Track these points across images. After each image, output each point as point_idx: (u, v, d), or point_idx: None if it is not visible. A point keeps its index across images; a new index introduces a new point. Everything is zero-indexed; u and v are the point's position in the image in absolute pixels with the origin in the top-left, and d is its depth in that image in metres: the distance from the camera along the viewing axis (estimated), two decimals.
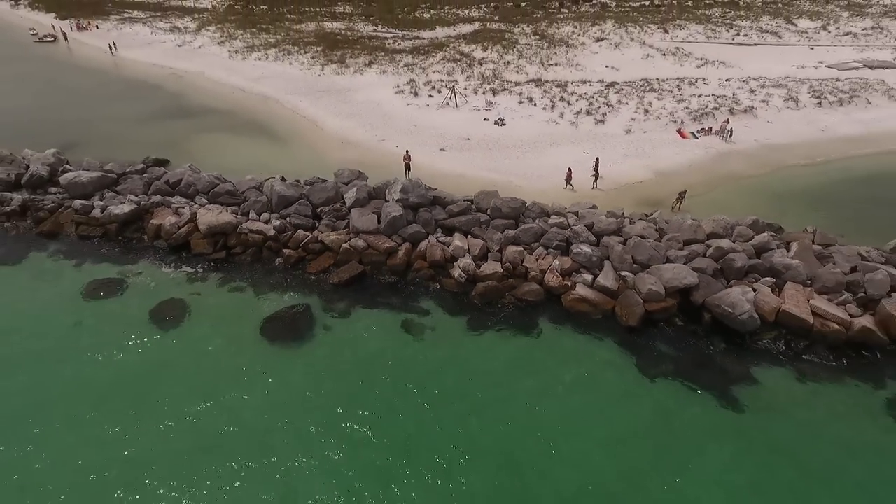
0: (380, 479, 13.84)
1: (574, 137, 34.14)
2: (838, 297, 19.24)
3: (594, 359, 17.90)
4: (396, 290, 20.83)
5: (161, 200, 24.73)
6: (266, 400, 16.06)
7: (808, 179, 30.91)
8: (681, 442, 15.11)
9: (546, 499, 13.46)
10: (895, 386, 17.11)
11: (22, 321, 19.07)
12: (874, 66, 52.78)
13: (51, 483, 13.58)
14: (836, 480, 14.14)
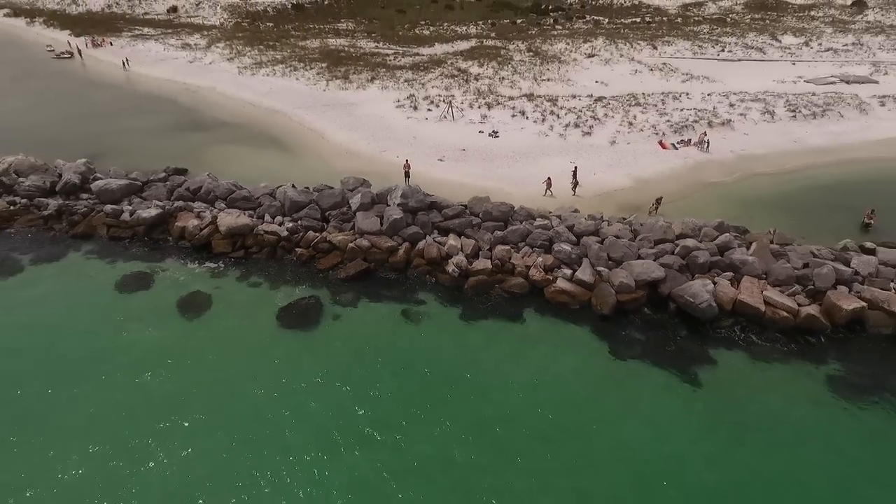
0: (382, 434, 16.19)
1: (562, 148, 36.76)
2: (789, 288, 21.69)
3: (571, 342, 20.32)
4: (397, 284, 23.31)
5: (184, 205, 27.30)
6: (280, 375, 18.43)
7: (777, 186, 33.48)
8: (638, 405, 17.48)
9: (513, 440, 15.81)
10: (836, 365, 19.49)
11: (66, 309, 21.51)
12: (850, 80, 55.58)
13: (98, 426, 15.93)
14: (776, 436, 16.50)
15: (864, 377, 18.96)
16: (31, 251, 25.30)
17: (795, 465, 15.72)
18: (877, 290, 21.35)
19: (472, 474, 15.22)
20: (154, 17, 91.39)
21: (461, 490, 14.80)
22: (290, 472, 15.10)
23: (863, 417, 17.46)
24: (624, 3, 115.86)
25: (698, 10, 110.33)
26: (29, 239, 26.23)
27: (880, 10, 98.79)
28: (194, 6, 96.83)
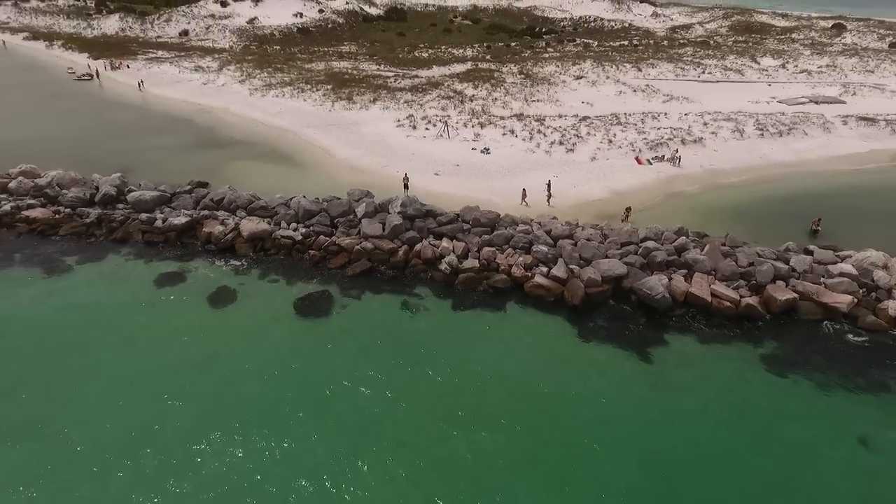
0: (383, 395, 19.61)
1: (547, 164, 40.54)
2: (734, 283, 25.26)
3: (545, 328, 23.81)
4: (397, 280, 26.87)
5: (209, 214, 30.96)
6: (298, 353, 21.88)
7: (740, 197, 37.21)
8: (602, 384, 20.92)
9: (490, 398, 19.21)
10: (770, 345, 22.94)
11: (110, 302, 25.01)
12: (819, 101, 59.68)
13: (148, 394, 19.35)
14: (713, 399, 19.93)
15: (793, 355, 22.43)
16: (77, 254, 28.87)
17: (726, 426, 19.08)
18: (809, 284, 24.90)
19: (453, 421, 18.63)
20: (167, 40, 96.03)
21: (442, 432, 18.19)
22: (303, 420, 18.50)
23: (789, 388, 20.88)
24: (615, 26, 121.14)
25: (685, 32, 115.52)
26: (73, 243, 29.81)
27: (858, 32, 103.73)
28: (204, 30, 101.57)
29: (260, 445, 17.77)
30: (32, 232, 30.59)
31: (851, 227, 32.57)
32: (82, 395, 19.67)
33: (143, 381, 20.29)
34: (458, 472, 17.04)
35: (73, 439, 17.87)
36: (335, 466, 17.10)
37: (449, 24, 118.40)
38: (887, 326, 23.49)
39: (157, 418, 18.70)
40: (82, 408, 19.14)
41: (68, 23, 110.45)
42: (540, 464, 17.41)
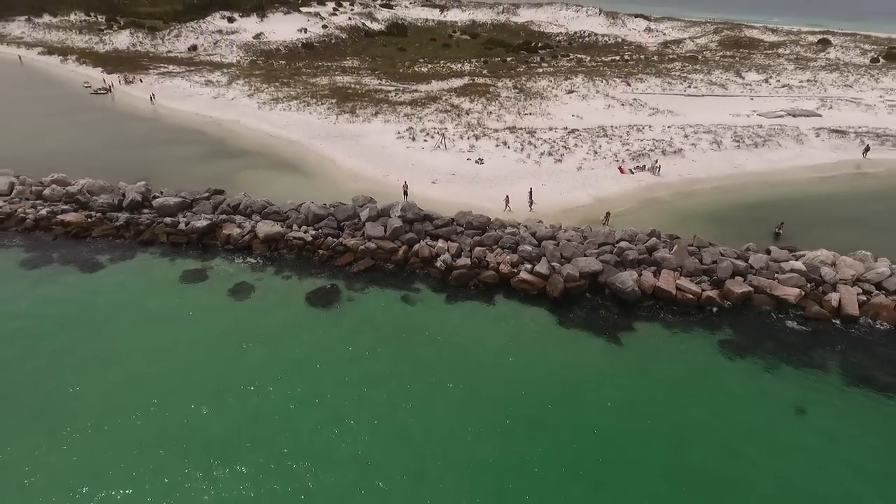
0: (384, 373, 22.66)
1: (536, 173, 43.79)
2: (697, 278, 28.38)
3: (528, 317, 26.91)
4: (397, 276, 30.00)
5: (227, 218, 34.16)
6: (310, 337, 24.96)
7: (713, 203, 40.40)
8: (576, 364, 23.98)
9: (479, 375, 22.25)
10: (727, 332, 25.95)
11: (142, 292, 28.13)
12: (797, 114, 63.13)
13: (178, 371, 22.39)
14: (674, 375, 22.98)
15: (746, 340, 25.49)
16: (108, 253, 32.03)
17: (685, 396, 22.12)
18: (763, 279, 28.04)
19: (440, 388, 21.69)
20: (176, 55, 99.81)
21: (430, 395, 21.24)
22: (317, 394, 21.55)
23: (740, 367, 23.92)
24: (608, 41, 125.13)
25: (676, 47, 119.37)
26: (105, 244, 32.97)
27: (842, 48, 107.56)
28: (212, 45, 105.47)
29: (270, 399, 20.85)
30: (67, 234, 33.79)
31: (811, 229, 35.73)
32: (128, 361, 22.84)
33: (176, 350, 23.54)
34: (444, 422, 20.09)
35: (119, 390, 20.96)
36: (338, 416, 20.19)
37: (448, 38, 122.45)
38: (829, 315, 26.61)
39: (185, 378, 21.98)
40: (127, 369, 22.31)
41: (80, 38, 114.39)
42: (515, 422, 20.44)
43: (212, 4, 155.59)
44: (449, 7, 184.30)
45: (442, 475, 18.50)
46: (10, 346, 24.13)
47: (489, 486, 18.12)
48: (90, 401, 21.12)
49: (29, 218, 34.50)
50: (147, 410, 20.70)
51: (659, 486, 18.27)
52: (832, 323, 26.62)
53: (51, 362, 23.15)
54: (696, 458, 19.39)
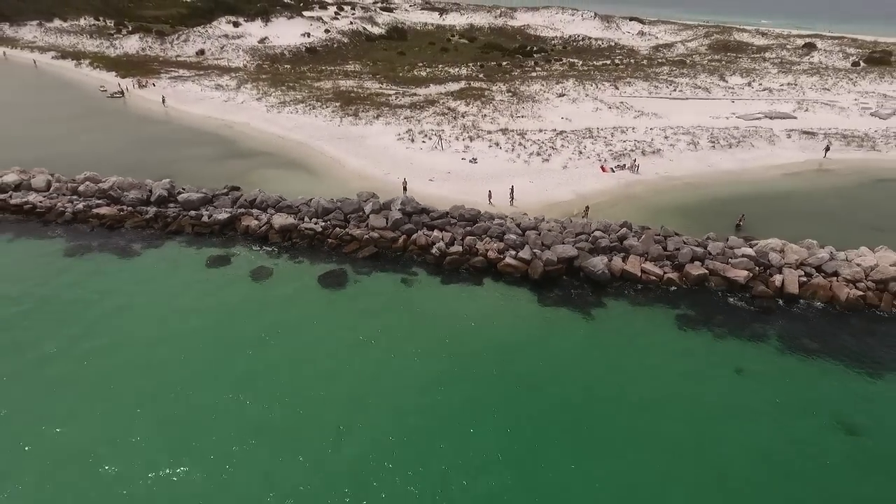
0: (386, 344, 26.64)
1: (525, 172, 47.77)
2: (660, 263, 32.38)
3: (512, 296, 30.90)
4: (397, 261, 34.00)
5: (245, 211, 38.16)
6: (322, 314, 28.95)
7: (685, 199, 44.37)
8: (551, 332, 27.97)
9: (467, 341, 26.21)
10: (684, 308, 29.90)
11: (170, 281, 32.04)
12: (773, 116, 67.12)
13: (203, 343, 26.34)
14: (636, 344, 26.98)
15: (699, 315, 29.46)
16: (141, 242, 36.03)
17: (644, 359, 26.10)
18: (718, 263, 32.03)
19: (435, 353, 25.67)
20: (185, 59, 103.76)
21: (425, 359, 25.22)
22: (325, 350, 25.55)
23: (694, 335, 27.90)
24: (601, 45, 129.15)
25: (668, 50, 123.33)
26: (136, 234, 36.96)
27: (826, 52, 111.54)
28: (219, 49, 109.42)
29: (287, 359, 24.87)
30: (102, 226, 37.79)
31: (770, 221, 39.66)
32: (164, 324, 26.84)
33: (207, 315, 27.63)
34: (436, 379, 24.10)
35: (160, 345, 25.00)
36: (340, 366, 24.25)
37: (446, 42, 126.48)
38: (773, 294, 30.63)
39: (214, 341, 25.98)
40: (164, 333, 26.26)
41: (91, 42, 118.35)
42: (496, 379, 24.44)
43: (216, 9, 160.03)
44: (448, 10, 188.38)
45: (430, 409, 22.50)
46: (68, 311, 28.20)
47: (466, 413, 22.11)
48: (139, 348, 25.16)
49: (68, 211, 38.51)
50: (185, 357, 24.83)
51: (607, 412, 22.28)
52: (776, 301, 30.64)
53: (104, 322, 27.27)
54: (650, 403, 23.38)
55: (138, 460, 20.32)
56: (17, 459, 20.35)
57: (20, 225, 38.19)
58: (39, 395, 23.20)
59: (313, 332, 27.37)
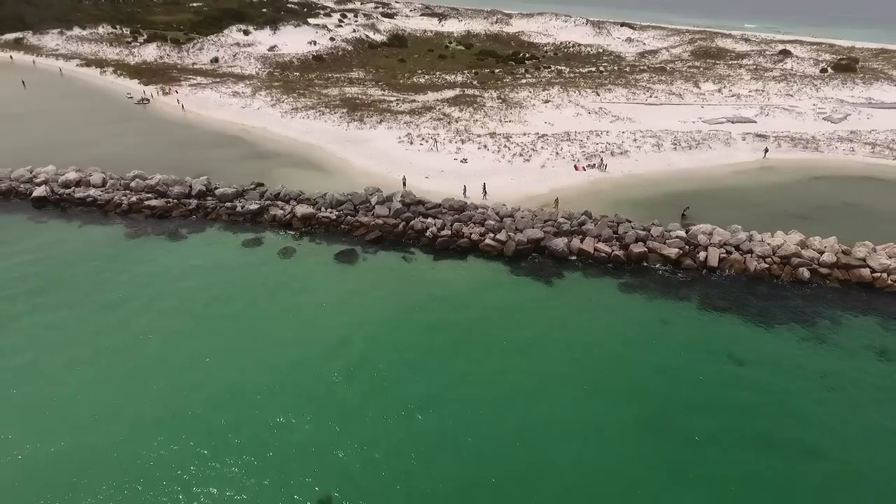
0: (390, 305, 34.35)
1: (508, 170, 55.46)
2: (610, 243, 40.09)
3: (490, 269, 38.63)
4: (398, 243, 41.73)
5: (271, 203, 45.91)
6: (338, 283, 36.68)
7: (644, 193, 51.94)
8: (519, 293, 35.69)
9: (454, 304, 33.89)
10: (626, 278, 37.61)
11: (214, 256, 39.80)
12: (735, 121, 74.74)
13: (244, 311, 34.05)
14: (584, 306, 34.70)
15: (637, 283, 37.15)
16: (187, 228, 43.78)
17: (591, 316, 33.78)
18: (656, 243, 39.72)
19: (428, 308, 33.38)
20: (201, 66, 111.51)
21: (420, 313, 32.94)
22: (338, 308, 33.28)
23: (632, 297, 35.59)
24: (591, 52, 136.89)
25: (652, 57, 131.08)
26: (182, 222, 44.72)
27: (799, 59, 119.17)
28: (231, 57, 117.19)
29: (312, 309, 32.63)
30: (153, 215, 45.56)
31: (712, 211, 47.12)
32: (211, 290, 34.60)
33: (245, 285, 35.39)
34: (428, 325, 31.85)
35: (210, 306, 32.73)
36: (358, 320, 31.95)
37: (444, 49, 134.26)
38: (698, 267, 38.35)
39: (253, 296, 33.70)
40: (214, 292, 34.04)
41: (111, 50, 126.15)
42: (475, 325, 32.17)
43: (225, 16, 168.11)
44: (447, 16, 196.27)
45: (424, 344, 30.24)
46: (141, 278, 35.98)
47: (451, 347, 29.83)
48: (198, 304, 33.00)
49: (124, 203, 46.31)
50: (233, 308, 32.62)
51: (558, 346, 30.02)
52: (699, 272, 38.37)
53: (170, 286, 35.03)
54: (592, 341, 31.10)
55: (215, 368, 28.09)
56: (143, 364, 28.12)
57: (85, 215, 46.02)
58: (143, 335, 31.00)
59: (330, 294, 35.17)
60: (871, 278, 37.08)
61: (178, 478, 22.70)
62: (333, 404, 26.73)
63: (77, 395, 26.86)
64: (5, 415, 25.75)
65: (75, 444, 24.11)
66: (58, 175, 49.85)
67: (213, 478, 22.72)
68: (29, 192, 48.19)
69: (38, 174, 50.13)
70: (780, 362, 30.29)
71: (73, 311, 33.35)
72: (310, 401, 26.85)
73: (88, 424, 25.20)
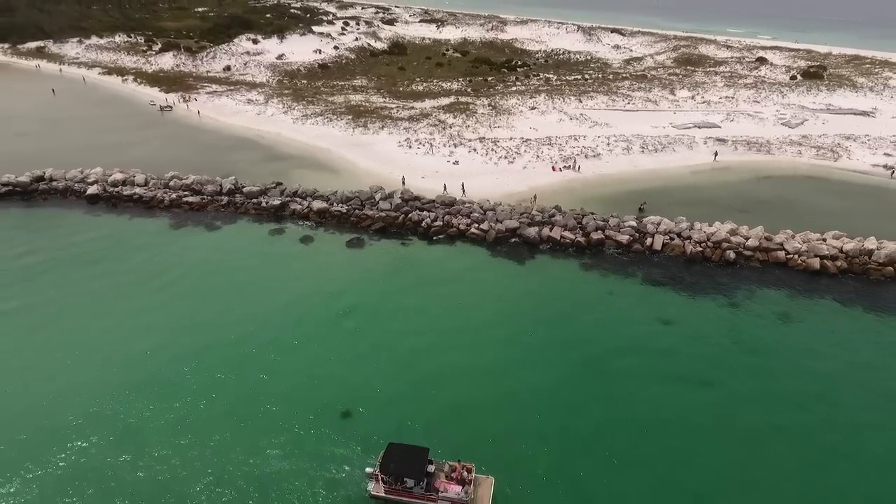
0: (392, 283, 42.62)
1: (494, 171, 63.72)
2: (574, 231, 48.36)
3: (475, 252, 46.94)
4: (399, 233, 50.00)
5: (290, 199, 54.20)
6: (350, 265, 44.95)
7: (610, 191, 60.18)
8: (496, 270, 43.99)
9: (442, 280, 42.13)
10: (586, 260, 45.91)
11: (245, 242, 48.09)
12: (702, 126, 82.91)
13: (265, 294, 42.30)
14: (548, 279, 43.00)
15: (595, 263, 45.42)
16: (220, 220, 52.07)
17: (557, 289, 42.00)
18: (612, 231, 48.00)
19: (425, 285, 41.65)
20: (214, 74, 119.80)
21: (419, 288, 41.20)
22: (348, 285, 41.55)
23: (589, 274, 43.86)
24: (580, 58, 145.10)
25: (637, 63, 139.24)
26: (216, 215, 53.01)
27: (772, 66, 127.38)
28: (242, 65, 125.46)
29: (326, 285, 40.93)
30: (191, 210, 53.88)
31: (666, 206, 55.31)
32: (242, 273, 42.89)
33: (272, 267, 43.62)
34: (423, 294, 40.12)
35: (243, 286, 41.00)
36: (367, 292, 40.20)
37: (441, 56, 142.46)
38: (644, 251, 46.63)
39: (278, 281, 41.97)
40: (242, 277, 42.34)
41: (129, 59, 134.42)
42: (461, 293, 40.44)
43: (233, 24, 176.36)
44: (445, 22, 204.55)
45: (419, 309, 38.49)
46: (185, 257, 44.30)
47: (442, 310, 38.07)
48: (232, 279, 41.31)
49: (165, 199, 54.61)
50: (262, 281, 40.92)
51: (522, 310, 38.29)
52: (646, 254, 46.64)
53: (208, 264, 43.31)
54: (551, 307, 39.36)
55: (256, 331, 36.39)
56: (187, 319, 36.42)
57: (133, 209, 54.39)
58: (191, 289, 39.30)
59: (343, 272, 43.45)
60: (786, 259, 45.34)
61: (233, 373, 30.94)
62: (338, 332, 35.33)
63: (153, 330, 35.20)
64: (94, 342, 34.04)
65: (163, 351, 32.49)
66: (106, 175, 58.17)
67: (259, 369, 30.98)
68: (83, 190, 56.48)
69: (89, 175, 58.44)
70: (698, 323, 38.53)
71: (135, 274, 42.21)
72: (313, 330, 35.56)
73: (164, 342, 33.61)
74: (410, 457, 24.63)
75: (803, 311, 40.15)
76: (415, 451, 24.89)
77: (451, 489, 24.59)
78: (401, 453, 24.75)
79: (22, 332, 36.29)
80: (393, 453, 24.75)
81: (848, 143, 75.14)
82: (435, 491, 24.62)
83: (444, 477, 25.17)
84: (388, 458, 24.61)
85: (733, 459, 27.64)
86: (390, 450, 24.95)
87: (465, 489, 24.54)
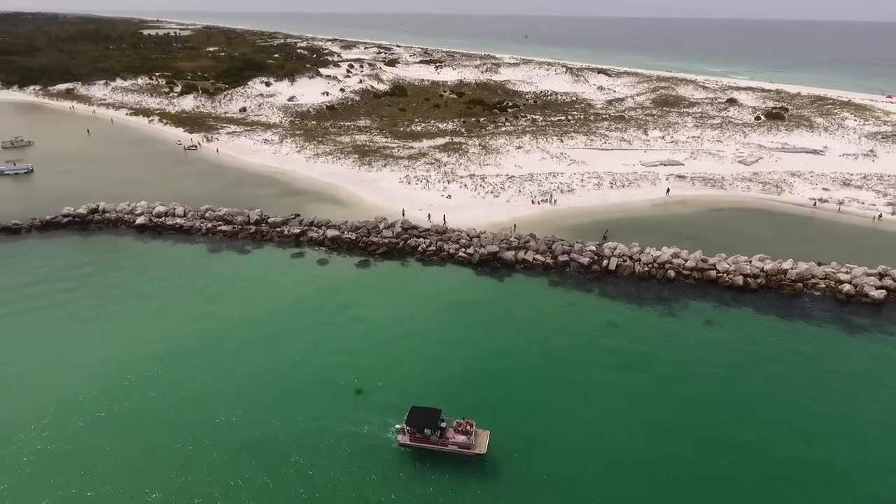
0: (394, 294, 52.44)
1: (480, 204, 74.13)
2: (545, 254, 58.42)
3: (460, 273, 56.88)
4: (399, 255, 60.05)
5: (308, 228, 64.41)
6: (358, 283, 54.86)
7: (580, 221, 70.42)
8: (479, 286, 53.86)
9: (435, 294, 51.93)
10: (553, 278, 55.83)
11: (271, 263, 58.07)
12: (667, 163, 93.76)
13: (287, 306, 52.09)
14: (522, 296, 52.86)
15: (560, 281, 55.31)
16: (250, 246, 62.19)
17: (525, 302, 51.80)
18: (575, 254, 58.03)
19: (418, 300, 51.46)
20: (232, 115, 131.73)
21: (414, 301, 50.98)
22: (359, 298, 51.37)
23: (554, 290, 53.69)
24: (566, 99, 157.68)
25: (619, 104, 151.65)
26: (246, 242, 63.13)
27: (740, 107, 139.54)
28: (257, 107, 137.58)
29: (343, 298, 50.73)
30: (224, 237, 64.05)
31: (626, 233, 65.55)
32: (272, 289, 52.74)
33: (294, 285, 53.49)
34: (420, 305, 49.89)
35: (271, 299, 50.78)
36: (373, 303, 50.00)
37: (439, 98, 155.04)
38: (601, 271, 56.58)
39: (300, 294, 51.78)
40: (273, 292, 52.16)
41: (153, 100, 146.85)
42: (452, 305, 50.21)
43: (246, 66, 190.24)
44: (443, 63, 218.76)
45: (417, 316, 48.17)
46: (222, 274, 54.18)
47: (437, 318, 47.74)
48: (262, 295, 51.10)
49: (203, 228, 64.82)
50: (287, 296, 50.69)
51: (498, 317, 47.99)
52: (603, 274, 56.58)
53: (240, 284, 53.14)
54: (522, 315, 49.10)
55: (277, 343, 45.99)
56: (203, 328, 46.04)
57: (174, 236, 64.57)
58: (228, 298, 49.04)
59: (354, 286, 53.36)
60: (716, 277, 55.25)
61: (250, 352, 40.37)
62: (350, 332, 44.96)
63: (196, 331, 44.77)
64: (139, 338, 43.60)
65: (216, 343, 42.01)
66: (150, 207, 68.55)
67: (290, 356, 40.43)
68: (132, 220, 66.77)
69: (136, 207, 68.82)
70: (640, 327, 48.18)
71: (180, 291, 51.77)
72: (331, 329, 45.10)
73: (199, 338, 43.16)
74: (428, 414, 34.15)
75: (725, 318, 49.86)
76: (431, 411, 34.41)
77: (458, 437, 33.99)
78: (421, 412, 34.27)
79: (93, 324, 46.04)
80: (415, 412, 34.32)
81: (793, 178, 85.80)
82: (447, 439, 34.01)
83: (452, 430, 34.54)
84: (412, 415, 34.15)
85: (650, 422, 37.00)
86: (413, 410, 34.50)
87: (469, 437, 33.95)
